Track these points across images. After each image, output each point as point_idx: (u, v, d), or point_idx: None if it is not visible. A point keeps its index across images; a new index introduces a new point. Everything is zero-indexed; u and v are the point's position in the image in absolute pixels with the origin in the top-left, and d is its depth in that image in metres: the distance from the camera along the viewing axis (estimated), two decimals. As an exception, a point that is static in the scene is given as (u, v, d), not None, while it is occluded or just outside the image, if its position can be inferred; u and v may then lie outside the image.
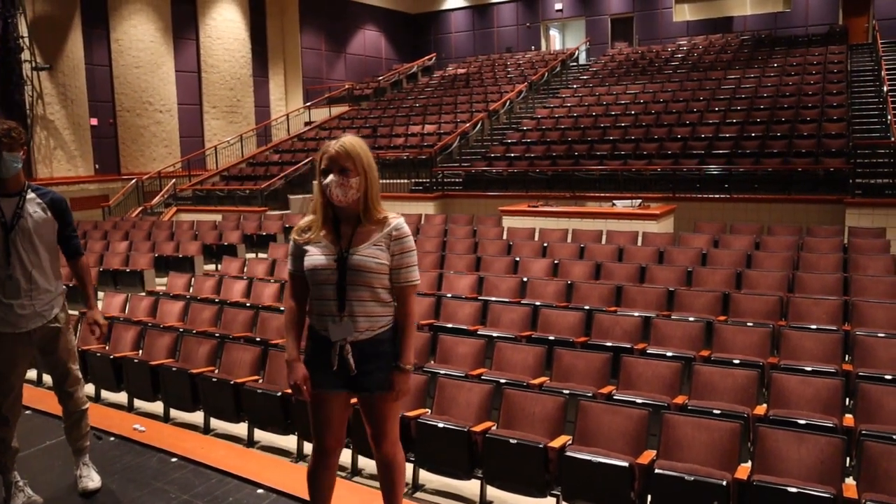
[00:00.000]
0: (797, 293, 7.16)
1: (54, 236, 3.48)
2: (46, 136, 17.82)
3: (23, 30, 16.87)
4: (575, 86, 19.96)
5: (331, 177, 2.70)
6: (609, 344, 5.94)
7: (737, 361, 5.39)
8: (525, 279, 8.08)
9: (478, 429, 4.49)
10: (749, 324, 6.16)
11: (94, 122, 19.20)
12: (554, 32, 27.70)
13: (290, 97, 24.59)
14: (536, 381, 5.28)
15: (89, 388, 6.93)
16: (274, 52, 24.03)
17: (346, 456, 4.70)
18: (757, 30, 22.26)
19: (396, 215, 2.86)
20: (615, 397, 4.90)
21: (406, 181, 15.56)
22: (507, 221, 11.83)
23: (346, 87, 24.05)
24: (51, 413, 4.31)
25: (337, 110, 22.75)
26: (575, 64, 23.10)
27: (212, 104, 21.78)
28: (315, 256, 2.75)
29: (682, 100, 16.46)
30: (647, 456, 4.04)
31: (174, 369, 6.03)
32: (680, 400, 4.84)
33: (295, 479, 3.59)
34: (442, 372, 5.56)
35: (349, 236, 2.76)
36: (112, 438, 4.10)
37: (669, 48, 21.77)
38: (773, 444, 3.93)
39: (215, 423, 5.99)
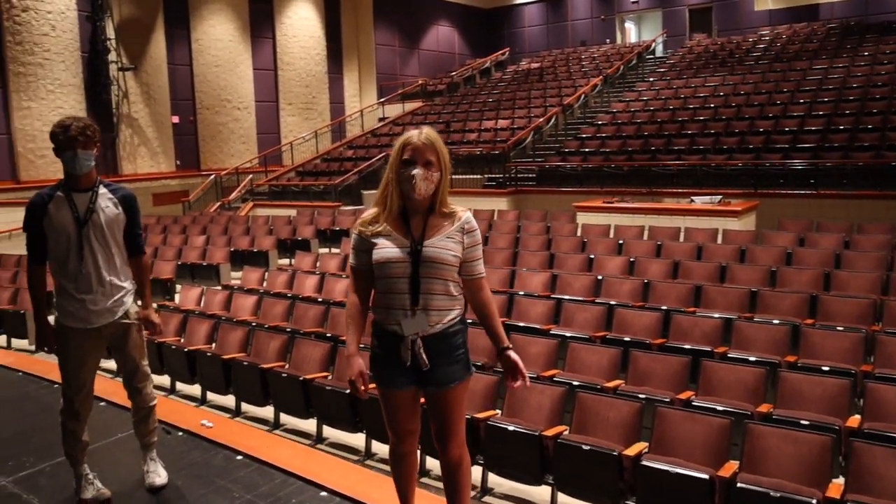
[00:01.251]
0: (893, 295, 6.72)
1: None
2: (131, 134, 18.43)
3: (110, 32, 17.48)
4: (651, 79, 19.44)
5: (417, 169, 2.64)
6: (688, 347, 5.69)
7: (826, 368, 5.08)
8: (599, 277, 7.86)
9: (549, 433, 4.34)
10: (839, 328, 5.81)
11: (175, 119, 19.76)
12: (629, 25, 27.08)
13: (364, 93, 24.78)
14: (611, 385, 5.09)
15: (165, 380, 7.10)
16: (348, 48, 24.25)
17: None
18: (845, 17, 21.19)
19: (464, 209, 2.81)
20: (694, 404, 4.67)
21: (479, 177, 15.44)
22: (582, 218, 11.58)
23: (420, 82, 24.09)
24: (124, 406, 4.37)
25: (410, 106, 22.82)
26: (651, 57, 22.51)
27: (288, 101, 22.12)
28: (387, 249, 2.68)
29: (765, 92, 15.81)
30: (729, 468, 3.81)
31: (245, 364, 6.08)
32: (764, 409, 4.58)
33: (359, 481, 3.53)
34: (512, 372, 5.42)
35: (421, 229, 2.71)
36: (180, 433, 4.13)
37: (751, 38, 20.95)
38: (870, 461, 3.65)
39: (285, 418, 6.02)
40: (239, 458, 3.82)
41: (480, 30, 28.14)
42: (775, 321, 6.07)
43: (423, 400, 2.87)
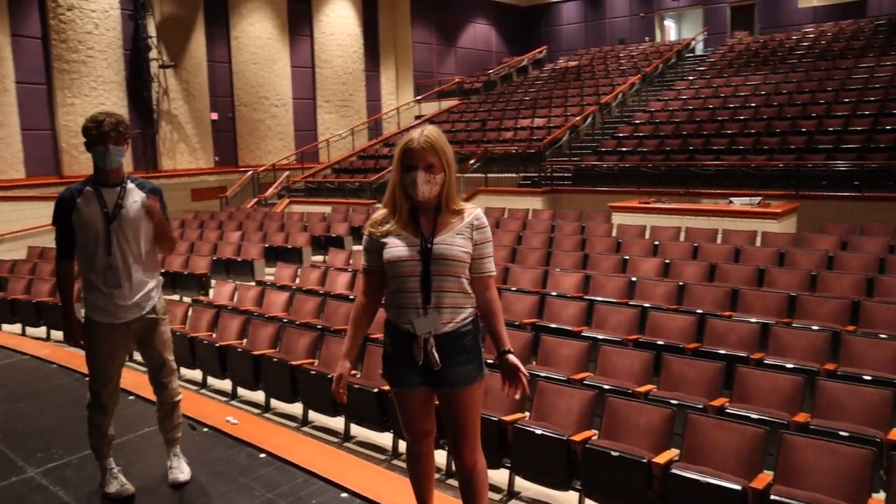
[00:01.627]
0: (939, 303, 6.49)
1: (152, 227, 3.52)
2: (170, 131, 18.67)
3: (151, 30, 17.72)
4: (691, 77, 19.13)
5: (419, 174, 2.61)
6: (722, 352, 5.55)
7: (868, 378, 4.91)
8: (634, 279, 7.74)
9: (578, 438, 4.27)
10: (882, 336, 5.63)
11: (214, 116, 19.97)
12: (669, 22, 26.70)
13: (401, 91, 24.80)
14: (642, 389, 4.99)
15: (197, 374, 7.16)
16: (385, 46, 24.29)
17: (440, 457, 4.59)
18: (895, 13, 20.62)
19: (473, 206, 2.80)
20: (728, 411, 4.55)
21: (514, 175, 15.34)
22: (617, 218, 11.43)
23: (456, 80, 24.04)
24: (151, 400, 4.40)
25: (446, 104, 22.78)
26: (691, 55, 22.17)
27: (325, 98, 22.24)
28: (397, 248, 2.67)
29: (808, 91, 15.43)
30: (763, 479, 3.70)
31: (275, 360, 6.10)
32: (801, 418, 4.44)
33: (381, 483, 3.50)
34: (542, 374, 5.35)
35: (430, 227, 2.69)
36: (206, 429, 4.14)
37: (794, 36, 20.48)
38: (912, 475, 3.51)
39: (313, 415, 6.02)
40: (262, 455, 3.82)
41: (518, 28, 27.99)
42: (814, 327, 5.90)
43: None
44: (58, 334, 9.02)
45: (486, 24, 27.16)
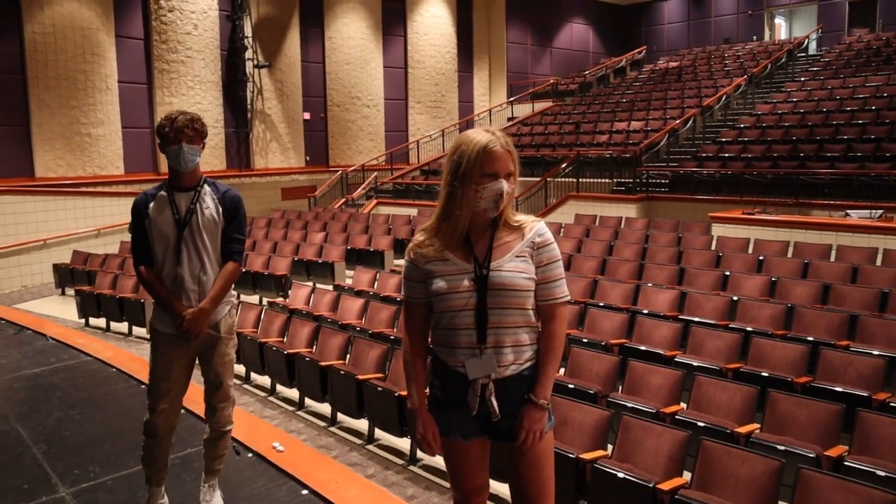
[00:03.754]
0: None
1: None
2: (263, 130, 18.87)
3: (247, 31, 17.96)
4: (803, 78, 17.89)
5: (502, 184, 2.17)
6: (839, 389, 4.86)
7: None
8: (735, 298, 7.04)
9: (665, 486, 3.72)
10: None
11: (306, 116, 20.09)
12: (779, 20, 25.22)
13: (494, 92, 24.40)
14: (743, 430, 4.37)
15: (265, 381, 6.95)
16: (479, 46, 23.93)
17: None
18: None
19: (534, 217, 2.31)
20: (847, 464, 3.90)
21: (608, 181, 14.65)
22: (717, 229, 10.64)
23: (551, 81, 23.42)
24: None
25: (540, 105, 22.22)
26: (803, 54, 20.78)
27: (416, 99, 22.07)
28: (446, 277, 2.21)
29: (939, 94, 14.09)
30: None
31: (342, 372, 5.78)
32: (940, 478, 3.75)
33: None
34: (629, 405, 4.83)
35: (485, 249, 2.22)
36: (250, 455, 3.82)
37: (923, 34, 18.90)
38: None
39: (379, 433, 5.67)
40: (304, 492, 3.47)
41: (616, 27, 27.09)
42: (951, 364, 5.12)
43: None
44: (139, 331, 9.06)
45: (584, 24, 26.40)
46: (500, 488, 4.01)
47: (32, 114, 14.60)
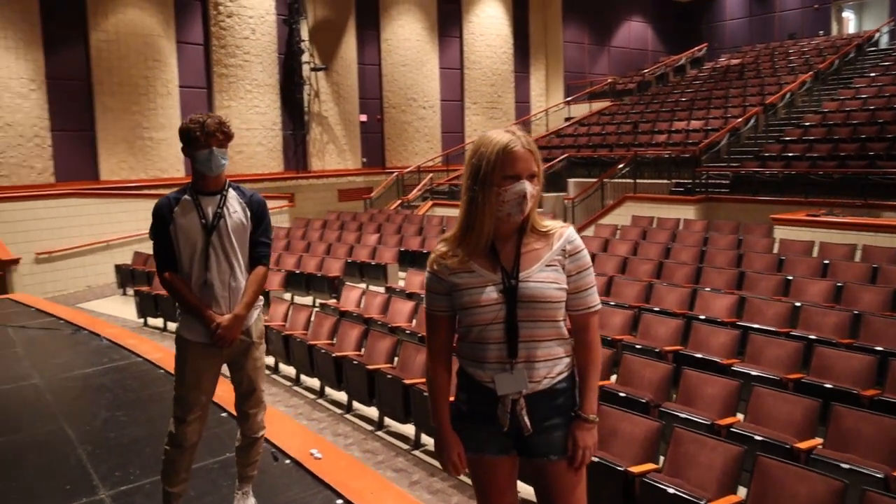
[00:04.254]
0: None
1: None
2: (320, 132, 19.06)
3: (304, 34, 18.16)
4: (873, 74, 17.16)
5: (525, 185, 2.04)
6: (910, 403, 4.59)
7: None
8: (798, 304, 6.76)
9: None
10: None
11: (363, 118, 20.21)
12: (848, 14, 24.28)
13: (551, 92, 24.16)
14: (804, 445, 4.15)
15: (315, 383, 6.97)
16: (536, 46, 23.73)
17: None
18: None
19: (563, 223, 2.18)
20: (918, 486, 3.66)
21: (666, 182, 14.31)
22: (780, 232, 10.26)
23: (609, 81, 23.06)
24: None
25: (598, 105, 21.89)
26: (874, 49, 19.94)
27: (473, 100, 22.01)
28: (473, 290, 2.09)
29: None
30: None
31: (389, 376, 5.74)
32: None
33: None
34: (682, 416, 4.65)
35: (512, 258, 2.10)
36: (287, 461, 3.78)
37: None
38: None
39: (426, 438, 5.61)
40: (339, 502, 3.40)
41: (676, 24, 26.51)
42: None
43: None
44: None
45: (643, 22, 25.92)
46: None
47: (97, 119, 15.05)
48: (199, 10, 16.75)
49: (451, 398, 2.26)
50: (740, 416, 4.73)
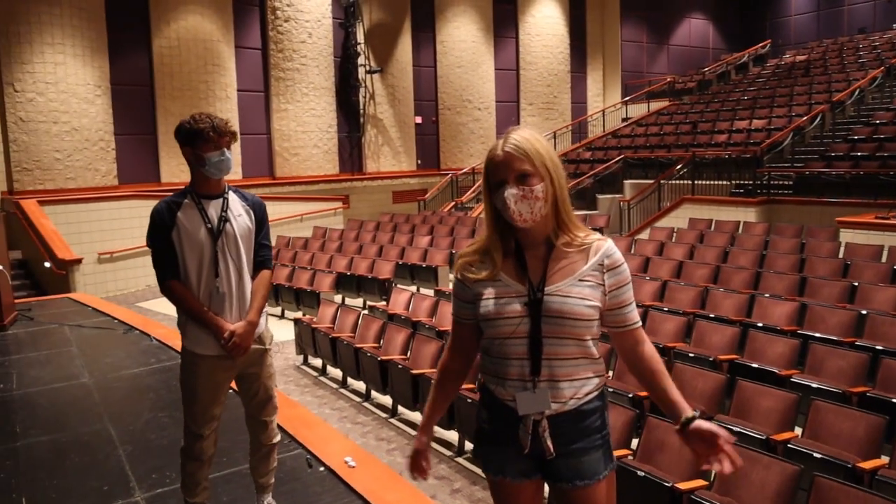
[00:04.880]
0: None
1: None
2: (375, 134, 19.16)
3: (360, 37, 18.28)
4: (951, 70, 16.39)
5: (509, 190, 1.92)
6: None
7: None
8: (864, 312, 6.41)
9: (772, 525, 3.37)
10: None
11: (418, 119, 20.25)
12: (925, 7, 23.26)
13: (608, 92, 23.82)
14: (867, 465, 3.91)
15: (360, 385, 6.96)
16: (593, 46, 23.42)
17: None
18: None
19: (601, 235, 2.03)
20: None
21: (725, 183, 13.90)
22: (846, 235, 9.84)
23: (668, 80, 22.58)
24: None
25: (656, 105, 21.47)
26: (952, 43, 19.07)
27: (528, 101, 21.84)
28: (495, 300, 1.98)
29: None
30: None
31: (433, 381, 5.65)
32: None
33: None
34: (735, 429, 4.44)
35: (541, 269, 1.98)
36: (322, 469, 3.72)
37: None
38: None
39: (470, 444, 5.52)
40: (370, 513, 3.34)
41: (738, 21, 25.83)
42: None
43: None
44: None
45: (703, 19, 25.32)
46: None
47: (159, 123, 15.43)
48: (257, 16, 17.03)
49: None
50: (798, 432, 4.49)
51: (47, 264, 11.20)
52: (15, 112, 13.38)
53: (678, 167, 14.15)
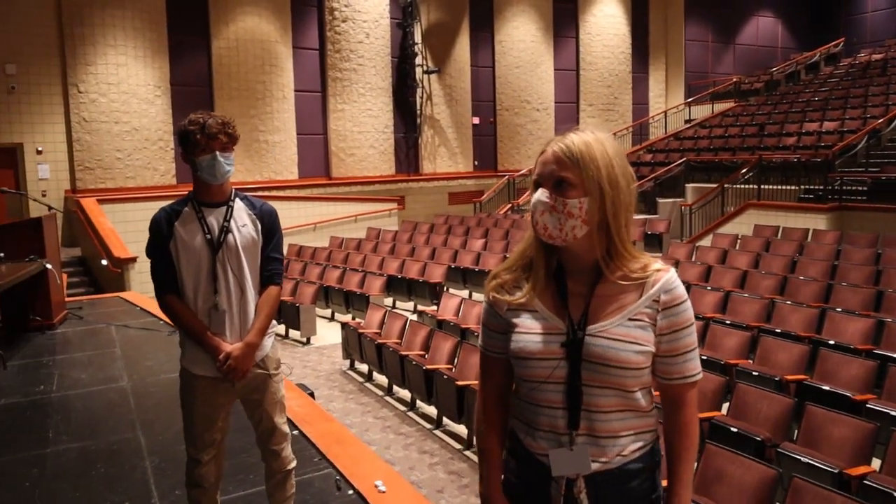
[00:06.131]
0: None
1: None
2: (432, 135, 19.01)
3: (417, 37, 18.17)
4: None
5: (538, 194, 1.61)
6: None
7: None
8: (946, 331, 5.95)
9: (845, 574, 3.04)
10: None
11: (475, 120, 20.03)
12: None
13: (671, 93, 23.17)
14: (953, 507, 3.54)
15: (405, 394, 6.79)
16: (655, 46, 22.81)
17: None
18: None
19: (662, 265, 1.65)
20: None
21: (793, 188, 13.28)
22: (926, 245, 9.24)
23: (733, 80, 21.83)
24: (306, 436, 3.94)
25: (720, 107, 20.79)
26: None
27: (588, 102, 21.41)
28: (528, 336, 1.64)
29: None
30: None
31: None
32: None
33: None
34: (803, 460, 4.09)
35: (584, 301, 1.63)
36: (350, 492, 3.52)
37: None
38: None
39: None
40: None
41: (809, 19, 24.81)
42: None
43: None
44: (294, 333, 9.26)
45: (772, 17, 24.41)
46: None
47: (217, 123, 15.57)
48: (315, 16, 17.06)
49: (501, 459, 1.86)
50: (876, 465, 4.11)
51: (104, 262, 11.35)
52: (79, 112, 13.68)
53: (743, 171, 13.58)
